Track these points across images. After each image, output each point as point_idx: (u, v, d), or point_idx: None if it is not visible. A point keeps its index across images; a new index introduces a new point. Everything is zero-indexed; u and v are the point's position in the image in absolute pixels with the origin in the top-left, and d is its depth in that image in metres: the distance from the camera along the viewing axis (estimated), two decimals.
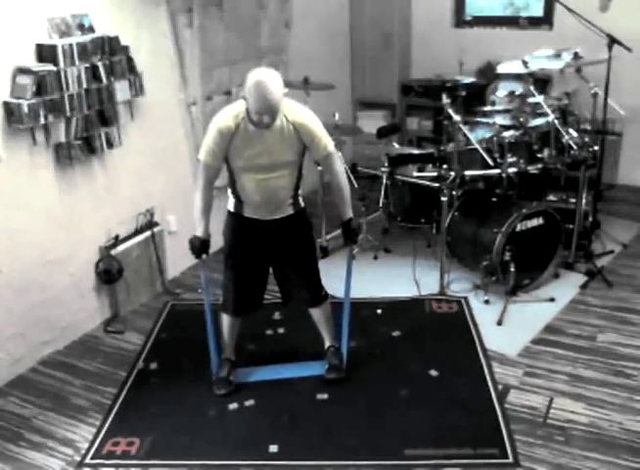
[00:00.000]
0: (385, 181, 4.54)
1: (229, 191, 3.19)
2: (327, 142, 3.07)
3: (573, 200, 4.42)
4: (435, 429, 3.06)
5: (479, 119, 4.59)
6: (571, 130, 4.32)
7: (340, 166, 3.16)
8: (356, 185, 4.70)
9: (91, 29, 3.62)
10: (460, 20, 6.32)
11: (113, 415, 3.24)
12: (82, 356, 3.75)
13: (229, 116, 2.98)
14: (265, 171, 3.00)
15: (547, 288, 4.22)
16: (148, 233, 4.25)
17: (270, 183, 3.03)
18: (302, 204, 3.24)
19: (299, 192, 3.21)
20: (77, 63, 3.49)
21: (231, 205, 3.20)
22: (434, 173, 4.21)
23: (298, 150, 3.04)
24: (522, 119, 4.27)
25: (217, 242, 4.38)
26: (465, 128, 4.18)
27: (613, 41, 4.27)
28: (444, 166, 4.12)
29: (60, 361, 3.71)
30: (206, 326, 3.37)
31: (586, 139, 4.25)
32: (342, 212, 3.22)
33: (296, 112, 3.01)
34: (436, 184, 4.15)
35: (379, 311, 4.07)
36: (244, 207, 3.14)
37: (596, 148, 4.29)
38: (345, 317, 3.46)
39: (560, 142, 4.26)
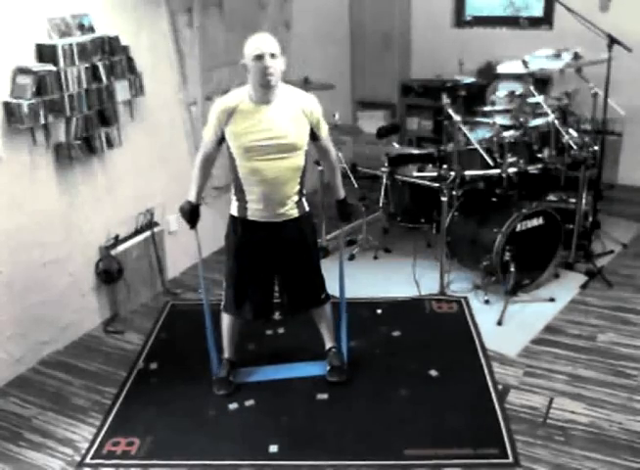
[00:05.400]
0: (385, 181, 4.54)
1: (232, 193, 3.15)
2: (325, 125, 3.17)
3: (573, 200, 4.42)
4: (435, 429, 3.06)
5: (479, 119, 4.58)
6: (571, 130, 4.32)
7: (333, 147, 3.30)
8: (356, 185, 4.70)
9: (91, 29, 3.62)
10: (460, 20, 6.31)
11: (113, 415, 3.24)
12: (82, 356, 3.75)
13: (229, 95, 3.06)
14: (271, 154, 2.95)
15: (547, 288, 4.22)
16: (148, 233, 4.25)
17: (275, 171, 2.97)
18: (307, 207, 3.20)
19: (304, 192, 3.18)
20: (77, 63, 3.49)
21: (234, 208, 3.15)
22: (434, 173, 4.20)
23: (305, 132, 3.03)
24: (522, 119, 4.27)
25: (217, 242, 4.37)
26: (465, 128, 4.18)
27: (613, 41, 4.27)
28: (444, 166, 4.11)
29: (60, 361, 3.71)
30: (205, 325, 3.37)
31: (586, 139, 4.25)
32: (336, 192, 3.34)
33: (302, 93, 3.10)
34: (436, 184, 4.15)
35: (379, 311, 4.07)
36: (247, 206, 3.08)
37: (596, 148, 4.29)
38: (343, 318, 3.46)
39: (560, 142, 4.26)
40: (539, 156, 4.26)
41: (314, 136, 3.10)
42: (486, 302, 4.09)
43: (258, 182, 3.00)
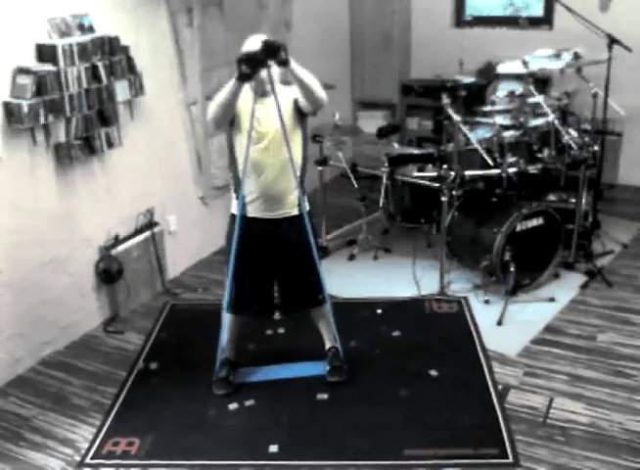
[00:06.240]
0: (385, 181, 4.54)
1: (231, 191, 3.19)
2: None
3: (573, 200, 4.42)
4: (436, 429, 3.05)
5: (479, 119, 4.59)
6: (570, 130, 4.32)
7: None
8: (356, 185, 4.71)
9: (91, 29, 3.62)
10: (460, 20, 6.32)
11: (113, 415, 3.24)
12: (82, 356, 3.75)
13: None
14: (268, 146, 3.00)
15: (547, 288, 4.22)
16: (148, 233, 4.25)
17: (272, 163, 3.02)
18: (308, 206, 3.22)
19: (304, 189, 3.19)
20: (77, 63, 3.49)
21: (234, 207, 3.19)
22: (434, 173, 4.21)
23: (298, 117, 3.06)
24: (522, 119, 4.27)
25: (217, 242, 4.38)
26: (465, 128, 4.18)
27: (613, 41, 4.28)
28: (444, 166, 4.11)
29: (60, 361, 3.71)
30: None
31: (586, 139, 4.25)
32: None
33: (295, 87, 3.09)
34: (436, 184, 4.15)
35: (379, 311, 4.06)
36: (246, 202, 3.11)
37: (596, 148, 4.29)
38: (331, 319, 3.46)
39: (560, 142, 4.26)
40: (539, 156, 4.26)
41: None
42: (486, 302, 4.08)
43: (256, 175, 3.04)
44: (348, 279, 4.43)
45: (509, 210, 4.09)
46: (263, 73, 2.89)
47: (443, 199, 4.08)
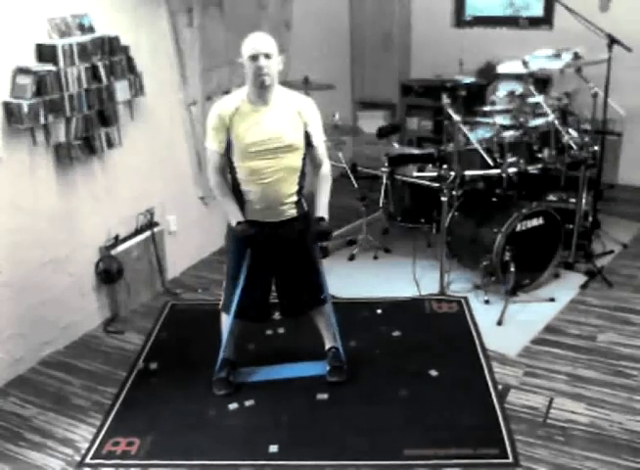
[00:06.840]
0: (385, 181, 4.54)
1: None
2: (321, 134, 3.15)
3: (573, 200, 4.42)
4: (435, 429, 3.05)
5: (479, 119, 4.59)
6: (571, 130, 4.32)
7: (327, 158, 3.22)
8: (356, 185, 4.71)
9: (91, 29, 3.62)
10: (460, 20, 6.31)
11: (113, 415, 3.24)
12: (82, 356, 3.75)
13: (227, 99, 3.10)
14: (269, 155, 2.97)
15: (547, 288, 4.22)
16: (148, 233, 4.25)
17: (272, 171, 2.99)
18: (306, 207, 3.22)
19: (303, 191, 3.19)
20: (77, 63, 3.49)
21: None
22: (434, 173, 4.20)
23: (301, 132, 3.04)
24: (522, 119, 4.27)
25: (217, 242, 4.38)
26: (465, 128, 4.18)
27: (613, 41, 4.28)
28: (444, 166, 4.11)
29: (60, 361, 3.71)
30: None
31: (586, 139, 4.25)
32: (319, 206, 3.13)
33: (299, 95, 3.14)
34: (436, 184, 4.15)
35: (379, 311, 4.07)
36: (246, 207, 3.10)
37: (596, 148, 4.29)
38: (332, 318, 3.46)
39: (560, 142, 4.26)
40: (539, 156, 4.26)
41: (308, 141, 3.09)
42: (486, 302, 4.08)
43: (256, 182, 3.02)
44: (348, 279, 4.43)
45: (509, 210, 4.09)
46: (261, 63, 2.90)
47: (443, 199, 4.08)
